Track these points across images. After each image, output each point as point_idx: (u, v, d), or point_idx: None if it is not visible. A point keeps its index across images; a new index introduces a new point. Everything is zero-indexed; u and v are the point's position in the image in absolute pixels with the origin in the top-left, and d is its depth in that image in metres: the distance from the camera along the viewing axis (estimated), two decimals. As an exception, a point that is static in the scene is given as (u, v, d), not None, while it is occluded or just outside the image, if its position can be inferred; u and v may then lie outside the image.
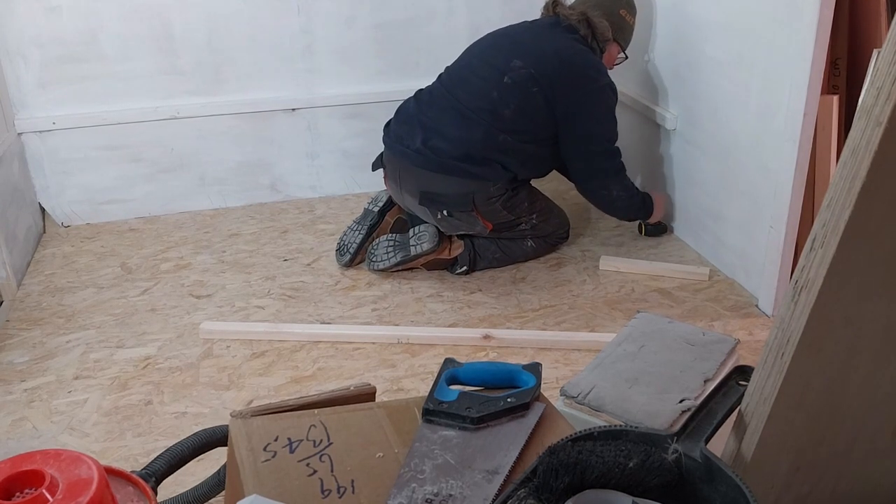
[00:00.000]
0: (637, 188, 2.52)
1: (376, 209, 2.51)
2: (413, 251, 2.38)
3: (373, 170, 2.53)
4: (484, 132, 2.29)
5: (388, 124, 2.49)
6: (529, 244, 2.48)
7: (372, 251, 2.43)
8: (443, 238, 2.40)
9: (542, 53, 2.32)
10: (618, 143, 2.44)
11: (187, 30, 2.68)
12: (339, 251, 2.49)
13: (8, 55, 2.56)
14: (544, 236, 2.50)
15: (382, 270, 2.41)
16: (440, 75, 2.47)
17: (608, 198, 2.47)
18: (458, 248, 2.41)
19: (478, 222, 2.35)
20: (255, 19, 2.73)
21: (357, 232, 2.48)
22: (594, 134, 2.37)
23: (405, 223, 2.49)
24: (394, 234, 2.46)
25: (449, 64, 2.48)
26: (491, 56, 2.37)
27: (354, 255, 2.45)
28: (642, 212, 2.56)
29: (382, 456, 1.12)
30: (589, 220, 2.78)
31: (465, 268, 2.40)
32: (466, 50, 2.48)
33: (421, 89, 2.48)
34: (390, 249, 2.41)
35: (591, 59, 2.37)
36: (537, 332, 2.12)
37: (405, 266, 2.40)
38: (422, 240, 2.38)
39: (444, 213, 2.33)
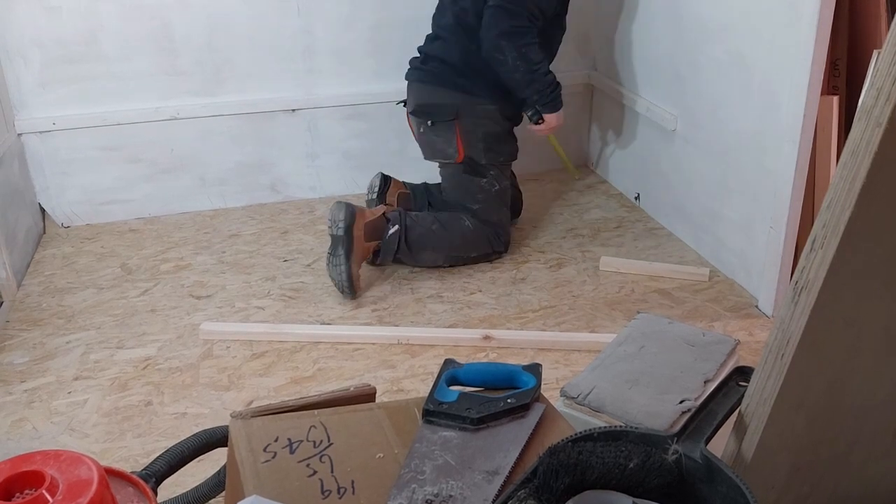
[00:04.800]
0: (548, 70, 2.39)
1: (374, 196, 2.56)
2: (339, 237, 2.23)
3: (398, 103, 2.61)
4: (461, 49, 2.42)
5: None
6: (467, 224, 2.42)
7: (332, 278, 2.29)
8: (357, 210, 2.27)
9: None
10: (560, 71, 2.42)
11: (187, 30, 2.68)
12: (338, 288, 2.31)
13: (8, 55, 2.56)
14: (483, 222, 2.44)
15: (349, 284, 2.26)
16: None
17: (504, 65, 2.32)
18: (379, 210, 2.36)
19: (452, 143, 2.41)
20: (255, 19, 2.72)
21: (335, 266, 2.27)
22: None
23: (408, 197, 2.55)
24: (328, 253, 2.28)
25: None
26: None
27: (352, 286, 2.27)
28: (546, 95, 2.39)
29: (382, 456, 1.12)
30: (589, 219, 2.78)
31: (395, 227, 2.32)
32: None
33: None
34: (334, 263, 2.26)
35: None
36: (537, 333, 2.12)
37: (356, 256, 2.25)
38: (336, 221, 2.24)
39: (429, 123, 2.44)
